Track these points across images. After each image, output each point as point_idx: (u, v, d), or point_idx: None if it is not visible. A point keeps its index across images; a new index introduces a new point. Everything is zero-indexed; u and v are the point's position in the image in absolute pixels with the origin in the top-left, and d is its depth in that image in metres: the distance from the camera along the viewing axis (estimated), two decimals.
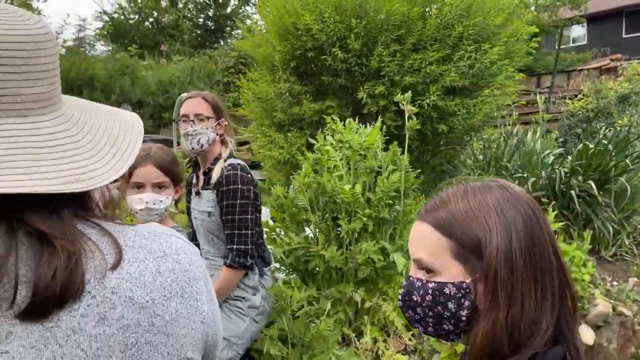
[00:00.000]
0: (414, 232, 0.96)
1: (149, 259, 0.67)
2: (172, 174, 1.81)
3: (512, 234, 0.86)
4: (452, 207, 0.92)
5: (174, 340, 0.66)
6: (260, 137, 4.54)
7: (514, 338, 0.84)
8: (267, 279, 2.59)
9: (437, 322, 0.93)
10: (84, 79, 11.74)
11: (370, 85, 3.76)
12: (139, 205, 1.76)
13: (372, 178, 2.86)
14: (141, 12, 22.79)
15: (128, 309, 0.62)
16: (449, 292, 0.90)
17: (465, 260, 0.89)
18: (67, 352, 0.58)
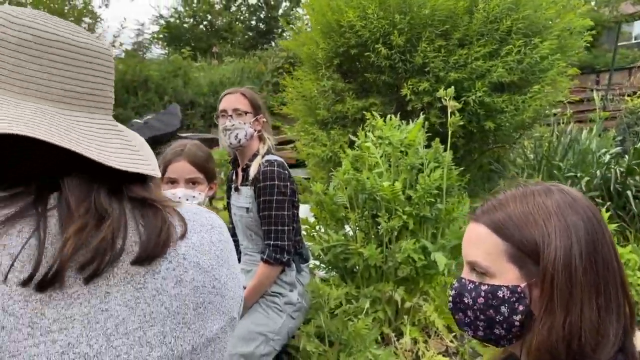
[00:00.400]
0: (469, 233, 0.95)
1: (203, 231, 0.75)
2: (206, 171, 1.83)
3: (573, 239, 0.83)
4: (510, 209, 0.90)
5: (226, 302, 0.75)
6: (304, 135, 4.55)
7: (572, 347, 0.81)
8: (304, 275, 2.58)
9: (488, 326, 0.91)
10: (139, 81, 12.12)
11: (414, 81, 3.69)
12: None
13: (414, 175, 2.80)
14: (196, 16, 23.41)
15: (197, 272, 0.71)
16: (503, 295, 0.88)
17: (522, 264, 0.87)
18: (154, 310, 0.66)
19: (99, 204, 0.65)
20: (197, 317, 0.70)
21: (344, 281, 2.85)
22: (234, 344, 2.29)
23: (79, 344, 0.60)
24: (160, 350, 0.66)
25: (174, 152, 1.81)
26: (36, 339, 0.58)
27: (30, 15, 0.69)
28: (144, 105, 11.45)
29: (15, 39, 0.65)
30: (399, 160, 2.80)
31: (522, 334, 0.88)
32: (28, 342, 0.57)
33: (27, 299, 0.58)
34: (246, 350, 2.31)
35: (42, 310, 0.59)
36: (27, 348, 0.57)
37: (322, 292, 2.47)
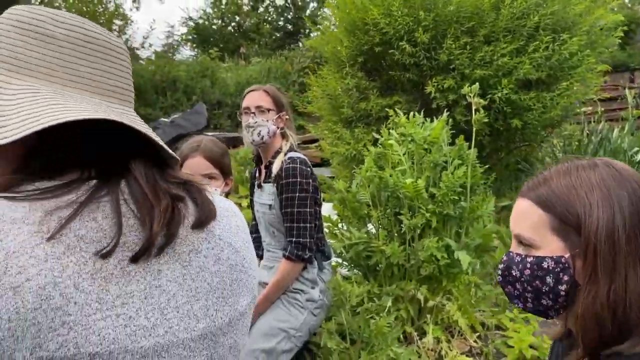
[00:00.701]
0: (515, 208, 0.99)
1: (229, 216, 0.83)
2: (221, 166, 1.84)
3: (615, 209, 0.85)
4: (553, 183, 0.93)
5: (252, 280, 0.82)
6: (328, 134, 4.55)
7: (618, 315, 0.83)
8: (326, 272, 2.58)
9: (536, 297, 0.94)
10: (168, 81, 12.30)
11: (439, 79, 3.65)
12: None
13: (437, 173, 2.77)
14: (224, 17, 23.65)
15: (231, 252, 0.78)
16: (547, 266, 0.91)
17: (565, 236, 0.90)
18: (198, 286, 0.73)
19: (164, 186, 0.73)
20: (232, 293, 0.77)
21: (367, 279, 2.84)
22: (255, 339, 2.31)
23: (138, 317, 0.66)
24: (205, 322, 0.72)
25: (190, 148, 1.83)
26: (103, 313, 0.63)
27: (72, 16, 0.74)
28: (172, 106, 11.61)
29: (64, 37, 0.71)
30: (422, 157, 2.77)
31: (569, 305, 0.91)
32: (97, 316, 0.63)
33: (93, 276, 0.64)
34: (268, 346, 2.32)
35: (106, 287, 0.64)
36: (96, 321, 0.62)
37: (343, 290, 2.47)
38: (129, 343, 0.64)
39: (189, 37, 22.66)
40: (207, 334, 0.73)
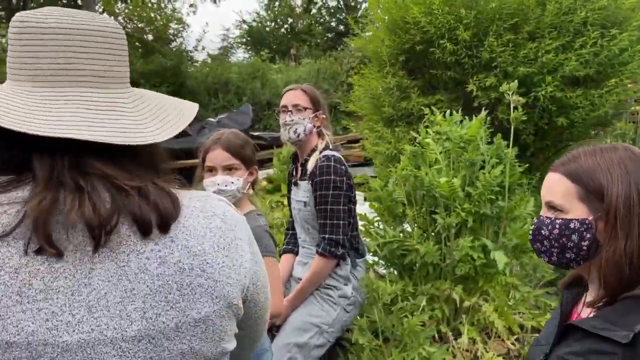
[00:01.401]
0: (547, 180, 1.22)
1: (202, 217, 0.80)
2: (242, 156, 1.90)
3: (632, 183, 1.09)
4: (581, 161, 1.15)
5: (220, 287, 0.78)
6: (369, 133, 4.55)
7: (634, 264, 1.07)
8: (359, 270, 2.61)
9: (561, 251, 1.18)
10: (220, 83, 12.62)
11: (481, 77, 3.59)
12: (211, 188, 1.87)
13: (474, 172, 2.74)
14: (277, 19, 23.98)
15: (184, 255, 0.75)
16: (574, 226, 1.15)
17: (590, 203, 1.13)
18: (135, 287, 0.71)
19: (66, 178, 0.70)
20: (182, 297, 0.74)
21: (402, 278, 2.84)
22: (288, 333, 2.36)
23: (62, 313, 0.67)
24: (141, 324, 0.71)
25: (212, 141, 1.90)
26: (24, 306, 0.66)
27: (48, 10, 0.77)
28: (223, 107, 11.91)
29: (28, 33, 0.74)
30: (459, 156, 2.75)
31: (588, 257, 1.15)
32: (16, 308, 0.65)
33: (17, 271, 0.66)
34: (300, 340, 2.37)
35: (30, 282, 0.66)
36: (15, 313, 0.65)
37: (375, 287, 2.48)
38: (50, 337, 0.66)
39: (242, 39, 23.13)
40: (144, 337, 0.71)
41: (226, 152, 1.86)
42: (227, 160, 1.87)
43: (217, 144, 1.87)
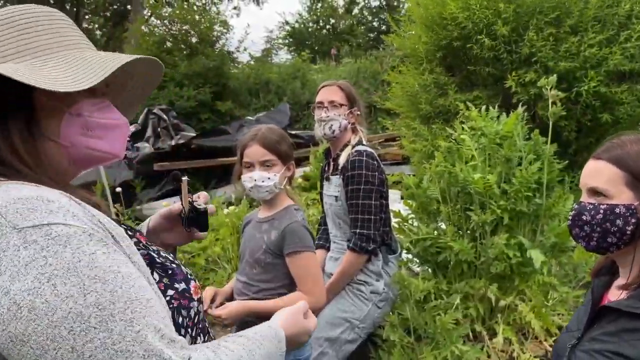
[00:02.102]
0: (588, 167, 1.25)
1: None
2: (279, 152, 1.90)
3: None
4: (627, 147, 1.19)
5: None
6: (406, 131, 4.52)
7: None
8: (391, 266, 2.59)
9: (602, 236, 1.21)
10: (261, 84, 12.77)
11: (520, 73, 3.51)
12: (249, 184, 1.89)
13: (510, 168, 2.68)
14: (319, 20, 24.09)
15: None
16: (619, 211, 1.18)
17: (636, 188, 1.17)
18: None
19: None
20: None
21: (435, 276, 2.81)
22: (320, 327, 2.37)
23: None
24: None
25: (249, 137, 1.92)
26: None
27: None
28: (264, 107, 12.03)
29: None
30: (495, 152, 2.69)
31: (629, 242, 1.20)
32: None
33: None
34: (332, 335, 2.38)
35: None
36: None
37: (407, 284, 2.46)
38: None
39: (284, 41, 23.36)
40: None
41: (263, 148, 1.87)
42: (264, 156, 1.87)
43: (254, 140, 1.88)
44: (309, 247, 1.88)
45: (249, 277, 1.93)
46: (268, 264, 1.90)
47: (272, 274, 1.90)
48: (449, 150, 2.88)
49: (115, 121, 0.97)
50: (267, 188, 1.88)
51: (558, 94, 2.61)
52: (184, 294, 0.94)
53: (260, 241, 1.91)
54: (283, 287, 1.90)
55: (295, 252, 1.85)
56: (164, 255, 0.98)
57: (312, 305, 1.90)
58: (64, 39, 0.92)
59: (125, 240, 0.85)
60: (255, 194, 1.91)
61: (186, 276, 0.97)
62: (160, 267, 0.93)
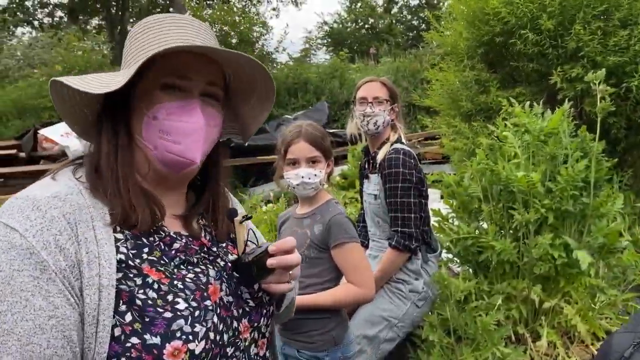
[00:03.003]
0: None
1: None
2: (323, 149, 1.90)
3: None
4: None
5: None
6: (446, 129, 4.44)
7: None
8: (431, 265, 2.56)
9: None
10: (300, 83, 12.81)
11: (566, 68, 3.39)
12: (295, 180, 1.89)
13: (555, 166, 2.60)
14: (358, 20, 24.04)
15: None
16: None
17: None
18: None
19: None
20: None
21: (476, 276, 2.75)
22: (358, 325, 2.36)
23: None
24: None
25: (293, 134, 1.91)
26: None
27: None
28: (302, 106, 12.06)
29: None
30: (539, 150, 2.61)
31: None
32: None
33: None
34: (369, 333, 2.36)
35: None
36: None
37: (447, 284, 2.42)
38: None
39: (323, 41, 23.39)
40: None
41: (309, 144, 1.87)
42: (311, 153, 1.87)
43: (299, 136, 1.88)
44: (354, 238, 1.87)
45: None
46: (313, 258, 1.89)
47: (318, 268, 1.90)
48: (490, 148, 2.81)
49: (192, 124, 0.93)
50: (313, 185, 1.88)
51: (607, 88, 2.52)
52: (151, 350, 0.81)
53: (304, 236, 1.91)
54: (329, 282, 1.90)
55: (342, 244, 1.84)
56: (168, 300, 0.87)
57: (363, 297, 1.91)
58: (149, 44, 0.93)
59: (95, 270, 0.81)
60: (301, 191, 1.91)
61: (170, 332, 0.84)
62: (138, 310, 0.83)
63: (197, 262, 0.97)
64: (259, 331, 1.04)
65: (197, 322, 0.87)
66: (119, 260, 0.85)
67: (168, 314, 0.84)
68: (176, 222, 1.00)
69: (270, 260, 0.97)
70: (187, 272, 0.93)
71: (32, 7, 21.73)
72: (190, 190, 1.09)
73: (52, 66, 12.07)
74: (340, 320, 1.92)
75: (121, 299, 0.82)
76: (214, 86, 0.97)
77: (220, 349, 0.92)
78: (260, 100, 1.08)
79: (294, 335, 1.89)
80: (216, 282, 0.97)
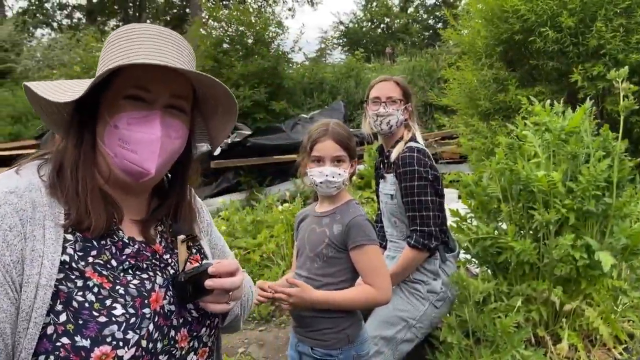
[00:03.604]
0: None
1: None
2: (349, 149, 1.88)
3: None
4: None
5: None
6: (463, 128, 4.40)
7: None
8: (449, 265, 2.52)
9: None
10: (315, 83, 12.80)
11: (587, 66, 3.33)
12: (319, 178, 1.86)
13: (576, 166, 2.55)
14: (373, 19, 23.97)
15: None
16: None
17: None
18: None
19: None
20: None
21: (495, 277, 2.71)
22: (375, 326, 2.33)
23: None
24: None
25: (319, 132, 1.88)
26: None
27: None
28: (318, 106, 12.04)
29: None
30: (560, 149, 2.57)
31: None
32: None
33: None
34: (387, 334, 2.33)
35: None
36: None
37: (466, 285, 2.38)
38: None
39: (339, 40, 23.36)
40: None
41: (336, 143, 1.85)
42: (337, 152, 1.85)
43: (326, 134, 1.85)
44: (374, 240, 1.84)
45: (310, 271, 1.91)
46: (331, 257, 1.87)
47: (335, 268, 1.88)
48: (510, 147, 2.77)
49: (150, 135, 0.94)
50: (336, 184, 1.86)
51: (630, 86, 2.47)
52: (79, 352, 0.82)
53: (322, 235, 1.89)
54: (344, 282, 1.88)
55: (361, 245, 1.81)
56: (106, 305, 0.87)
57: (379, 299, 1.88)
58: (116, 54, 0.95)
59: (37, 268, 0.83)
60: (324, 189, 1.89)
61: (100, 337, 0.84)
62: (73, 311, 0.84)
63: (147, 268, 0.98)
64: (200, 340, 1.04)
65: (130, 329, 0.87)
66: (63, 261, 0.86)
67: (102, 319, 0.85)
68: (133, 227, 1.02)
69: (208, 281, 0.96)
70: (132, 277, 0.94)
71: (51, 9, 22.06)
72: (156, 195, 1.10)
73: (70, 67, 12.20)
74: (355, 319, 1.90)
75: (59, 298, 0.84)
76: (180, 98, 0.99)
77: (151, 356, 0.92)
78: (225, 113, 1.09)
79: (308, 333, 1.88)
80: (161, 289, 0.97)
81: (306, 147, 1.93)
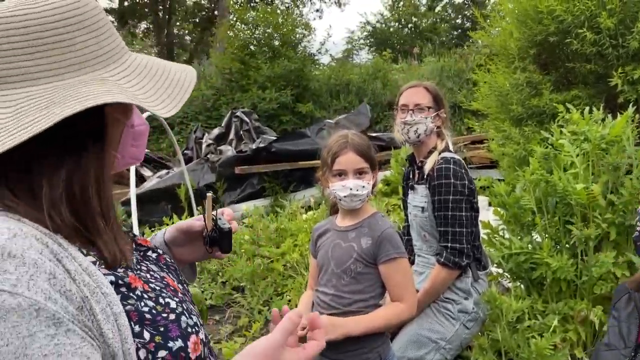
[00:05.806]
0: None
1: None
2: (370, 160, 1.81)
3: None
4: None
5: None
6: (495, 133, 4.25)
7: None
8: (481, 283, 2.41)
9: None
10: (342, 85, 12.74)
11: (628, 69, 3.16)
12: (343, 192, 1.79)
13: (618, 177, 2.41)
14: (401, 19, 23.80)
15: None
16: None
17: None
18: None
19: None
20: None
21: (529, 294, 2.58)
22: (403, 346, 2.24)
23: None
24: None
25: (339, 144, 1.81)
26: None
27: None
28: (345, 108, 11.99)
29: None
30: (600, 159, 2.43)
31: None
32: None
33: None
34: (415, 355, 2.24)
35: None
36: None
37: (499, 303, 2.27)
38: None
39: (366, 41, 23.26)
40: None
41: (358, 155, 1.78)
42: (359, 164, 1.79)
43: (346, 147, 1.79)
44: (404, 254, 1.79)
45: (337, 288, 1.83)
46: (359, 273, 1.80)
47: (363, 284, 1.81)
48: (545, 157, 2.64)
49: (145, 127, 0.94)
50: (361, 197, 1.80)
51: None
52: (179, 353, 0.80)
53: (350, 250, 1.82)
54: (374, 298, 1.82)
55: (393, 259, 1.75)
56: (162, 303, 0.83)
57: (408, 315, 1.81)
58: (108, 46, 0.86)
59: (103, 301, 0.72)
60: (349, 203, 1.82)
61: (184, 331, 0.83)
62: (150, 323, 0.79)
63: (141, 258, 0.97)
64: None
65: (188, 313, 0.88)
66: (110, 282, 0.77)
67: (172, 316, 0.83)
68: None
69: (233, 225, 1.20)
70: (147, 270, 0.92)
71: None
72: None
73: None
74: (384, 337, 1.86)
75: (131, 320, 0.77)
76: None
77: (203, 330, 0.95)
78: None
79: (339, 355, 1.80)
80: (166, 273, 0.97)
81: (327, 161, 1.86)
